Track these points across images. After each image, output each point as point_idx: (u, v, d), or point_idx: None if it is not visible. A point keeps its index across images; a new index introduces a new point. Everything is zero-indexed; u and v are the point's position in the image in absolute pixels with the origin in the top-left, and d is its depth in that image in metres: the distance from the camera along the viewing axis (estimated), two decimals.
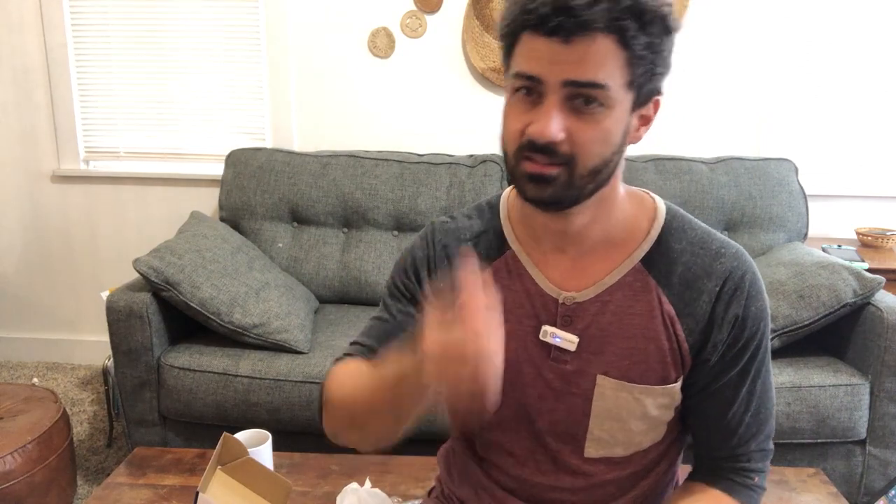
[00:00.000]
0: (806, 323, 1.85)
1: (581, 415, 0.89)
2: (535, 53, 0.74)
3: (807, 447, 1.88)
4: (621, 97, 0.76)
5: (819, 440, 1.86)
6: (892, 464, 1.87)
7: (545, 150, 0.75)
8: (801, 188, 2.39)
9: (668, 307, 0.86)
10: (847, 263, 1.92)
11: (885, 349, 1.81)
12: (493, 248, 0.92)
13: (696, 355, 0.87)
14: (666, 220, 0.89)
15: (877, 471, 1.88)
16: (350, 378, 0.90)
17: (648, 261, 0.87)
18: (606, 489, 0.93)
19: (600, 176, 0.79)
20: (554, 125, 0.74)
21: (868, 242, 2.52)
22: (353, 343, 0.98)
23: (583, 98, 0.74)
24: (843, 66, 2.60)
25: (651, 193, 0.93)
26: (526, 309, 0.89)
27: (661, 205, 0.91)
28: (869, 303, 1.87)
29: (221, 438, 1.14)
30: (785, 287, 1.91)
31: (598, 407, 0.88)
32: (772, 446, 0.92)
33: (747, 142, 2.67)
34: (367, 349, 0.95)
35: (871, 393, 1.84)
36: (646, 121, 0.82)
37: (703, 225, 0.91)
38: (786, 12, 2.57)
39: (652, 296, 0.86)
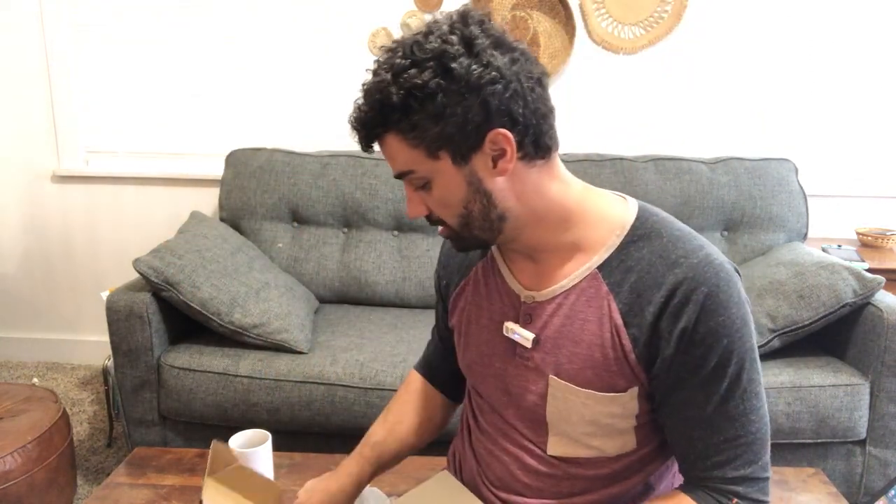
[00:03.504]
0: (806, 323, 1.85)
1: (539, 413, 0.93)
2: None
3: (807, 447, 1.88)
4: (434, 166, 0.82)
5: (819, 440, 1.86)
6: (892, 464, 1.87)
7: (428, 220, 0.89)
8: (801, 188, 2.39)
9: (616, 315, 0.85)
10: (847, 263, 1.92)
11: (885, 349, 1.81)
12: (480, 251, 1.02)
13: (647, 369, 0.86)
14: (632, 227, 0.87)
15: (877, 471, 1.88)
16: (389, 413, 1.18)
17: (605, 267, 0.87)
18: (574, 483, 0.95)
19: (475, 224, 0.86)
20: (410, 207, 0.88)
21: (868, 242, 2.52)
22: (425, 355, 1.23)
23: (412, 181, 0.85)
24: (843, 66, 2.61)
25: (628, 199, 0.92)
26: (497, 305, 0.96)
27: (632, 212, 0.89)
28: (869, 303, 1.87)
29: (211, 448, 1.14)
30: (785, 287, 1.91)
31: (552, 406, 0.91)
32: (765, 475, 0.87)
33: (747, 142, 2.67)
34: (423, 362, 1.22)
35: (871, 393, 1.84)
36: (501, 153, 0.81)
37: (678, 232, 0.87)
38: (785, 12, 2.57)
39: (603, 303, 0.86)
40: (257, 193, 2.44)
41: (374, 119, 0.81)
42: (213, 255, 2.03)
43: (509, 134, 0.80)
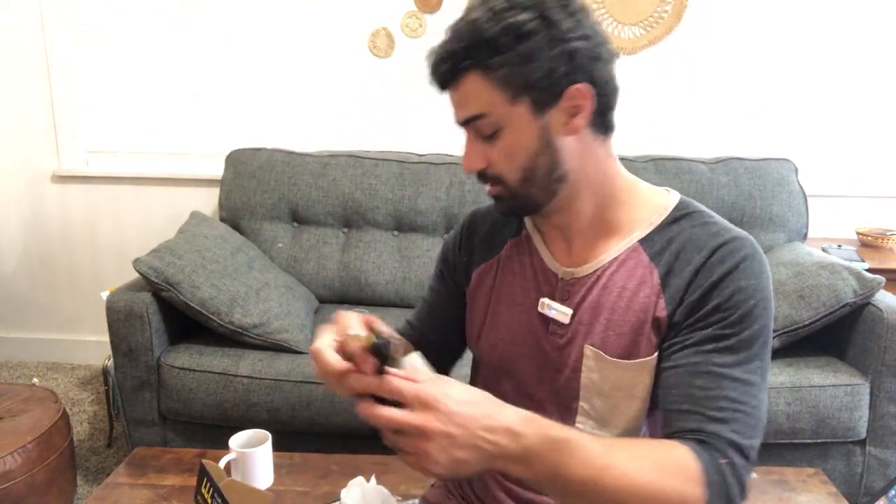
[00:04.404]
0: (806, 323, 1.85)
1: (572, 388, 0.92)
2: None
3: (807, 447, 1.88)
4: (511, 111, 0.83)
5: (819, 440, 1.86)
6: (892, 464, 1.87)
7: (481, 177, 0.89)
8: (801, 188, 2.39)
9: (656, 279, 0.87)
10: (847, 263, 1.92)
11: (885, 349, 1.81)
12: (513, 227, 1.02)
13: (669, 320, 0.85)
14: (674, 208, 0.91)
15: (877, 471, 1.88)
16: None
17: (646, 241, 0.89)
18: None
19: (537, 180, 0.86)
20: (467, 159, 0.88)
21: (868, 242, 2.52)
22: (406, 321, 1.18)
23: (480, 128, 0.85)
24: (843, 66, 2.60)
25: (672, 191, 0.94)
26: (531, 283, 0.96)
27: (674, 199, 0.93)
28: (869, 303, 1.87)
29: (199, 468, 1.15)
30: (785, 287, 1.91)
31: (586, 379, 0.91)
32: (754, 456, 0.80)
33: (747, 142, 2.67)
34: (410, 326, 1.17)
35: (871, 393, 1.84)
36: (576, 109, 0.84)
37: (718, 217, 0.91)
38: (785, 12, 2.57)
39: (645, 271, 0.88)
40: (257, 193, 2.44)
41: (461, 52, 0.82)
42: (213, 255, 2.03)
43: (589, 90, 0.83)
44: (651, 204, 0.92)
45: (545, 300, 0.94)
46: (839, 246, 2.45)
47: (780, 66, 2.61)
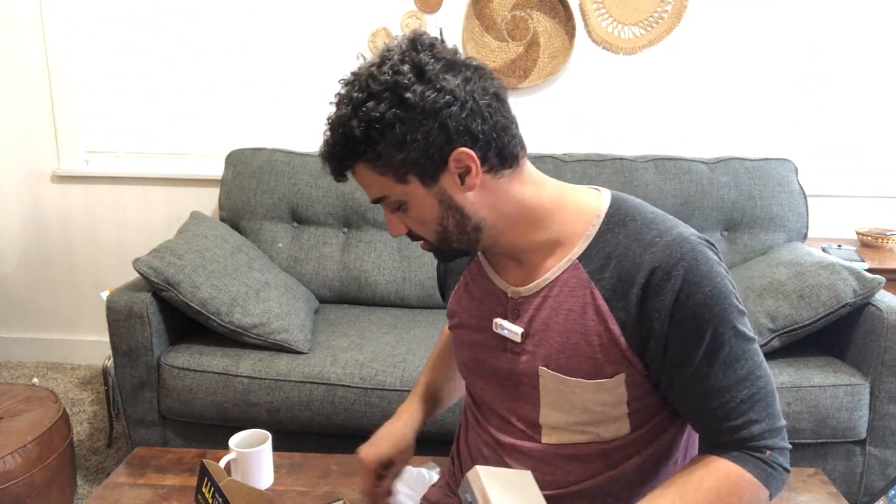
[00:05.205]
0: (806, 323, 1.85)
1: (534, 404, 0.95)
2: None
3: (807, 447, 1.88)
4: (404, 189, 0.86)
5: (819, 440, 1.86)
6: (892, 464, 1.87)
7: (409, 236, 0.93)
8: (801, 188, 2.39)
9: (601, 302, 0.88)
10: (847, 263, 1.92)
11: (885, 349, 1.81)
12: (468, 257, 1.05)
13: (640, 353, 0.87)
14: (606, 215, 0.91)
15: (877, 471, 1.88)
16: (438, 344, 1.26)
17: (585, 258, 0.90)
18: (570, 471, 0.95)
19: (452, 237, 0.90)
20: (390, 227, 0.93)
21: (868, 242, 2.52)
22: None
23: (388, 205, 0.90)
24: (843, 66, 2.61)
25: (602, 190, 0.95)
26: (486, 305, 0.99)
27: (605, 202, 0.92)
28: (869, 303, 1.87)
29: (200, 467, 1.15)
30: (785, 287, 1.91)
31: (545, 397, 0.93)
32: (781, 422, 0.90)
33: (747, 142, 2.67)
34: None
35: (871, 393, 1.84)
36: (466, 170, 0.85)
37: (651, 215, 0.90)
38: (785, 12, 2.57)
39: (585, 291, 0.89)
40: (257, 193, 2.44)
41: (341, 152, 0.86)
42: (213, 255, 2.03)
43: (471, 152, 0.83)
44: (583, 215, 0.91)
45: (497, 320, 0.97)
46: (839, 246, 2.45)
47: (779, 66, 2.61)
